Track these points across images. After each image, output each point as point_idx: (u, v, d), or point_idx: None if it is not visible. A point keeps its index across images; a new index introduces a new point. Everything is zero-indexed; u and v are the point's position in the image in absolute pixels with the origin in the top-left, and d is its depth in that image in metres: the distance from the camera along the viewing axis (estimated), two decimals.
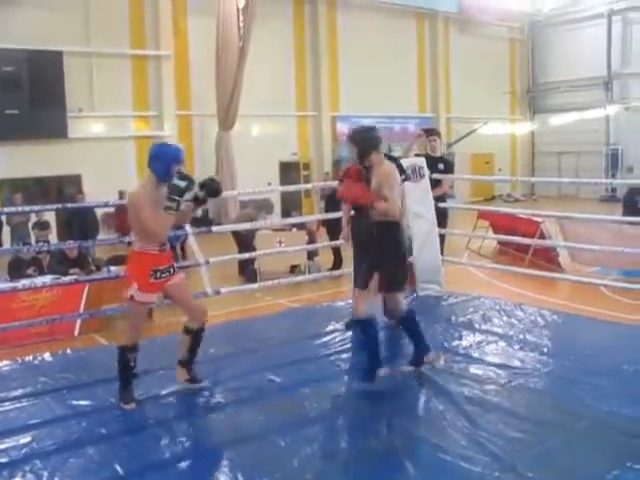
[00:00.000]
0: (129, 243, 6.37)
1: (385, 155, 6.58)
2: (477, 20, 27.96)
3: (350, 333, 6.99)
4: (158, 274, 5.19)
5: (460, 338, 6.83)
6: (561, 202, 24.07)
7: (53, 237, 14.93)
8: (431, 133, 9.41)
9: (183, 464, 4.30)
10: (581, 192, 26.72)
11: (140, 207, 5.01)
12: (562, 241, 11.35)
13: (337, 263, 11.82)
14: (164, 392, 5.61)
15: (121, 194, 16.72)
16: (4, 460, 4.46)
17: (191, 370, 5.65)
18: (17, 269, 9.29)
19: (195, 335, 5.55)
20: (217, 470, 4.20)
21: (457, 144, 26.27)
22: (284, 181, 22.91)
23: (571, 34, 29.38)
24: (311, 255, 11.91)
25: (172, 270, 5.33)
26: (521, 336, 6.81)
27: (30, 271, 9.21)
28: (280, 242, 11.33)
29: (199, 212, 12.97)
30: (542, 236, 11.58)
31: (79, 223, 13.20)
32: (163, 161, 5.11)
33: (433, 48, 27.90)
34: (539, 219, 11.74)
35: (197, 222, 10.96)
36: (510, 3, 28.94)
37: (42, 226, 12.85)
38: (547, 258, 11.61)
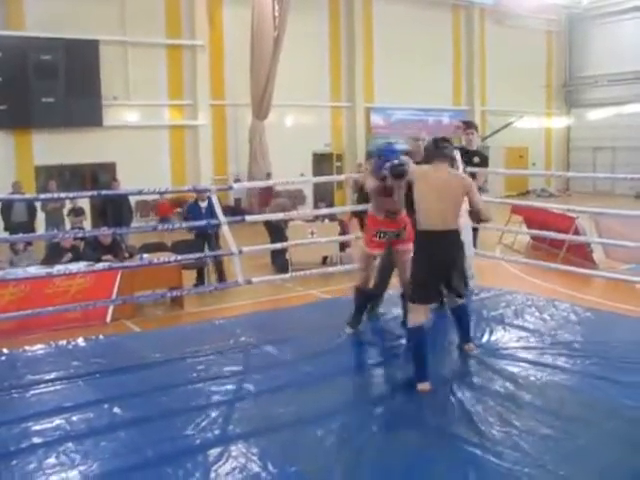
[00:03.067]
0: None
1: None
2: (513, 12, 27.63)
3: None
4: (381, 235, 6.37)
5: (491, 333, 6.78)
6: (596, 198, 23.76)
7: (87, 224, 15.12)
8: (468, 126, 9.32)
9: (213, 450, 4.32)
10: (617, 188, 26.37)
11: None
12: (597, 237, 11.22)
13: None
14: (194, 379, 5.66)
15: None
16: (38, 441, 4.53)
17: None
18: (54, 256, 9.40)
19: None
20: (247, 458, 4.22)
21: (491, 137, 26.03)
22: (317, 172, 22.97)
23: (610, 27, 28.90)
24: (343, 246, 11.90)
25: (398, 236, 6.37)
26: (553, 332, 6.73)
27: (66, 259, 9.31)
28: (312, 233, 11.32)
29: None
30: (576, 232, 11.43)
31: (113, 210, 13.31)
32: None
33: (468, 40, 27.67)
34: (574, 214, 11.60)
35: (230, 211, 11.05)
36: None
37: (77, 213, 13.03)
38: (581, 254, 11.48)
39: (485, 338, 6.58)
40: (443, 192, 5.40)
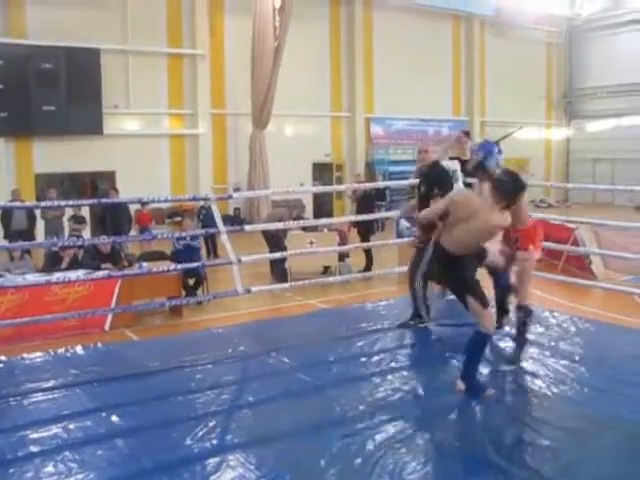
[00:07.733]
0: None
1: None
2: (514, 24, 27.67)
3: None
4: None
5: (491, 344, 6.77)
6: (596, 209, 23.76)
7: (87, 232, 15.10)
8: (465, 135, 9.32)
9: (211, 460, 4.31)
10: (616, 199, 26.38)
11: None
12: (596, 248, 11.21)
13: (369, 264, 11.81)
14: (193, 388, 5.65)
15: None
16: (36, 449, 4.52)
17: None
18: (53, 263, 9.39)
19: None
20: (245, 467, 4.21)
21: None
22: (317, 182, 23.02)
23: (610, 39, 28.97)
24: (342, 256, 11.89)
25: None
26: (553, 344, 6.74)
27: (64, 264, 9.30)
28: (311, 243, 11.31)
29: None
30: (575, 243, 11.41)
31: (112, 219, 13.32)
32: None
33: (468, 51, 27.73)
34: (573, 225, 11.58)
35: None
36: (548, 7, 28.54)
37: (78, 220, 13.00)
38: (580, 265, 11.45)
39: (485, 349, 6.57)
40: None
